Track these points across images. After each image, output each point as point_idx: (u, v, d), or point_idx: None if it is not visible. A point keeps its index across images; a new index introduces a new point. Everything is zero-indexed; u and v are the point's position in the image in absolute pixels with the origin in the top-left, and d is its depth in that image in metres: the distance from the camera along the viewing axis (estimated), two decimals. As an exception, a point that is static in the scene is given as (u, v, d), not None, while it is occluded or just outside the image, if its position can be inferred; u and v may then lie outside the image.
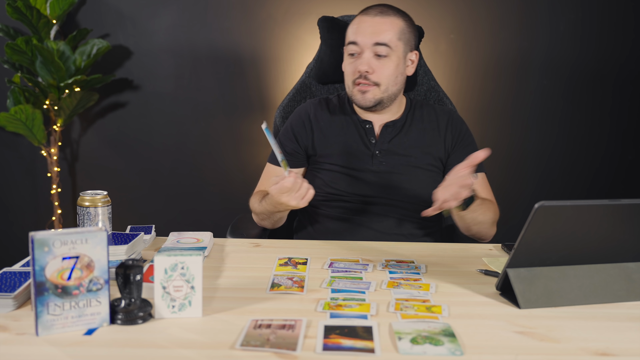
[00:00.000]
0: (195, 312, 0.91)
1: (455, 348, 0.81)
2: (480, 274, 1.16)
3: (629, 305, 1.01)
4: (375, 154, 1.53)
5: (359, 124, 1.56)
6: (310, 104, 1.63)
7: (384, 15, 1.48)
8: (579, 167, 2.77)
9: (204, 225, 2.70)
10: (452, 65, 2.68)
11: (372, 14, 1.49)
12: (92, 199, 1.17)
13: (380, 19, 1.47)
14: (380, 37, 1.46)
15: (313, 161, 1.59)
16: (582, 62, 2.69)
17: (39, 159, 2.72)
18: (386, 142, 1.54)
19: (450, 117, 1.60)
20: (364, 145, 1.54)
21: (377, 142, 1.54)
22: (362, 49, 1.47)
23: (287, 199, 1.27)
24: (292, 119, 1.62)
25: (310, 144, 1.58)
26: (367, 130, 1.55)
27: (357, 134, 1.56)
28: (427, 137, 1.56)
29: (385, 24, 1.47)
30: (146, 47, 2.67)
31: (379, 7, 1.50)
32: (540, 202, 0.92)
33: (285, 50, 2.66)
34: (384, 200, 1.52)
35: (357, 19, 1.51)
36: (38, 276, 0.81)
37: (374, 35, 1.46)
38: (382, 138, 1.54)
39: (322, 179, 1.55)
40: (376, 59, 1.47)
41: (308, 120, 1.59)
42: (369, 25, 1.47)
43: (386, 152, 1.53)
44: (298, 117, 1.61)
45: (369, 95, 1.49)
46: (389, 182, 1.52)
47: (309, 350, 0.80)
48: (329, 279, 1.10)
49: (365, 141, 1.55)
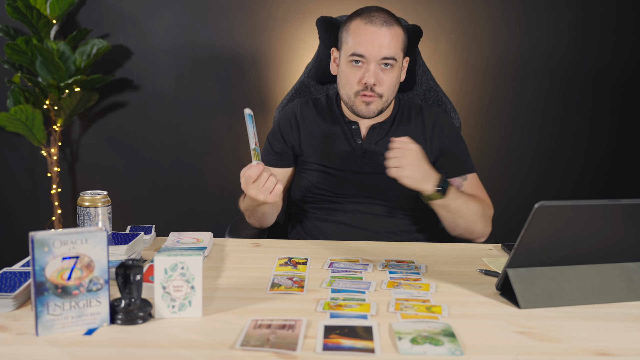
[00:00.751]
0: (195, 312, 0.91)
1: (455, 348, 0.81)
2: (480, 274, 1.16)
3: (629, 305, 1.01)
4: (362, 155, 1.54)
5: (345, 125, 1.57)
6: (298, 104, 1.64)
7: (389, 26, 1.44)
8: (579, 167, 2.77)
9: (204, 225, 2.70)
10: (452, 65, 2.68)
11: (377, 23, 1.43)
12: (92, 199, 1.17)
13: (386, 31, 1.43)
14: (388, 52, 1.43)
15: (300, 161, 1.60)
16: (582, 62, 2.69)
17: (39, 159, 2.72)
18: (372, 144, 1.55)
19: (437, 120, 1.58)
20: (349, 147, 1.55)
21: (363, 144, 1.55)
22: (368, 61, 1.44)
23: (254, 192, 1.26)
24: (280, 119, 1.64)
25: (297, 143, 1.59)
26: (353, 131, 1.56)
27: (343, 135, 1.56)
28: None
29: (390, 36, 1.44)
30: (146, 47, 2.67)
31: (382, 16, 1.45)
32: (540, 202, 0.92)
33: (285, 50, 2.66)
34: (371, 200, 1.52)
35: (360, 27, 1.45)
36: (38, 276, 0.81)
37: (382, 49, 1.42)
38: (368, 140, 1.55)
39: (308, 179, 1.57)
40: (381, 70, 1.45)
41: (295, 119, 1.60)
42: (375, 38, 1.43)
43: (372, 153, 1.54)
44: (285, 116, 1.62)
45: (372, 107, 1.48)
46: (375, 182, 1.52)
47: (309, 350, 0.80)
48: (329, 279, 1.10)
49: (352, 142, 1.55)
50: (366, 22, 1.44)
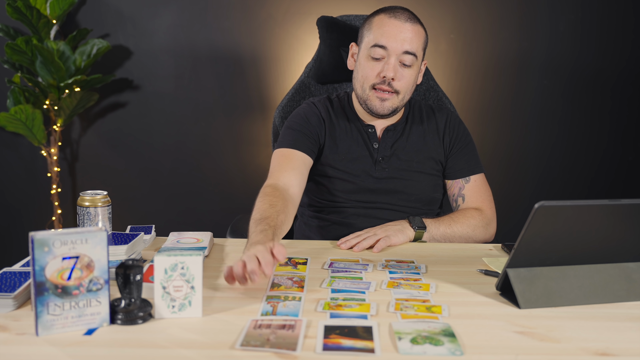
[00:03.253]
0: (195, 312, 0.91)
1: (455, 348, 0.81)
2: (480, 274, 1.16)
3: (629, 305, 1.00)
4: (378, 160, 1.52)
5: (362, 128, 1.54)
6: (320, 104, 1.57)
7: (413, 23, 1.44)
8: (579, 167, 2.77)
9: (204, 225, 2.70)
10: (452, 65, 2.68)
11: (401, 18, 1.43)
12: (92, 199, 1.17)
13: (410, 26, 1.43)
14: (410, 46, 1.42)
15: (315, 167, 1.54)
16: (582, 62, 2.69)
17: (39, 159, 2.72)
18: (388, 148, 1.53)
19: (448, 118, 1.59)
20: (367, 152, 1.52)
21: (379, 148, 1.52)
22: (389, 54, 1.43)
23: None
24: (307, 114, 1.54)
25: (323, 140, 1.53)
26: (370, 135, 1.53)
27: (362, 139, 1.53)
28: (427, 140, 1.55)
29: (413, 32, 1.43)
30: (146, 47, 2.67)
31: (406, 13, 1.45)
32: (540, 202, 0.92)
33: (285, 50, 2.66)
34: (384, 205, 1.51)
35: (383, 20, 1.44)
36: (38, 276, 0.81)
37: (405, 43, 1.42)
38: (384, 143, 1.53)
39: (324, 185, 1.53)
40: (400, 66, 1.44)
41: (321, 117, 1.54)
42: (399, 31, 1.42)
43: (388, 157, 1.52)
44: (312, 113, 1.54)
45: (387, 104, 1.46)
46: (389, 187, 1.51)
47: (309, 350, 0.80)
48: (329, 279, 1.10)
49: (369, 147, 1.53)
50: (390, 16, 1.44)
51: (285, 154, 1.48)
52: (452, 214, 1.48)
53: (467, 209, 1.50)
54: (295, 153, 1.47)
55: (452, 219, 1.46)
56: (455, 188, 1.55)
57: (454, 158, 1.55)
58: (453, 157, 1.55)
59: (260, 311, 0.93)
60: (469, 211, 1.49)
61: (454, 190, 1.55)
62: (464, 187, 1.53)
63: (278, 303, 0.96)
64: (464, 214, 1.48)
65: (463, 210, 1.50)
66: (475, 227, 1.46)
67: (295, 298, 0.98)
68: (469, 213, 1.48)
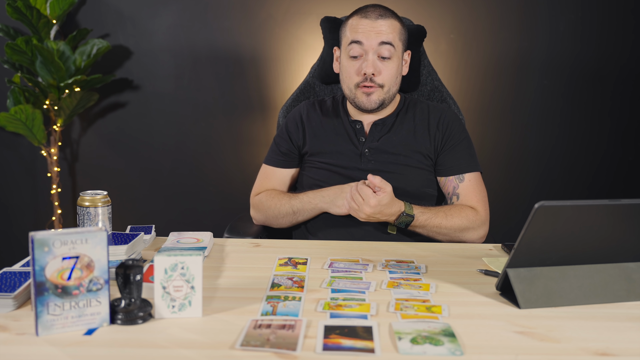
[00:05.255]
0: (195, 312, 0.91)
1: (455, 348, 0.81)
2: (480, 274, 1.16)
3: (629, 305, 1.01)
4: (364, 153, 1.55)
5: (349, 124, 1.59)
6: (304, 106, 1.68)
7: (384, 18, 1.50)
8: (579, 167, 2.77)
9: (204, 225, 2.70)
10: (452, 65, 2.68)
11: (372, 17, 1.50)
12: (92, 199, 1.17)
13: (382, 22, 1.49)
14: (386, 37, 1.48)
15: (304, 160, 1.63)
16: (582, 62, 2.69)
17: (39, 159, 2.72)
18: (375, 141, 1.56)
19: (442, 115, 1.59)
20: (352, 145, 1.57)
21: (366, 141, 1.56)
22: (366, 51, 1.49)
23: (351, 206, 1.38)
24: (287, 120, 1.68)
25: (302, 143, 1.62)
26: (357, 130, 1.58)
27: (347, 134, 1.58)
28: (417, 135, 1.57)
29: (386, 25, 1.49)
30: (146, 47, 2.67)
31: (377, 10, 1.51)
32: (540, 202, 0.92)
33: (285, 50, 2.66)
34: None
35: (355, 21, 1.52)
36: (38, 276, 0.81)
37: (379, 36, 1.48)
38: (370, 137, 1.57)
39: (311, 177, 1.59)
40: (380, 60, 1.49)
41: (300, 121, 1.64)
42: (372, 28, 1.49)
43: (375, 150, 1.55)
44: (292, 118, 1.67)
45: (373, 97, 1.51)
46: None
47: (309, 350, 0.80)
48: (329, 279, 1.10)
49: (354, 140, 1.57)
50: (362, 16, 1.51)
51: (267, 172, 1.65)
52: (445, 206, 1.50)
53: (462, 205, 1.51)
54: (275, 171, 1.64)
55: (449, 216, 1.47)
56: (450, 186, 1.55)
57: (445, 155, 1.55)
58: (444, 153, 1.56)
59: (260, 311, 0.93)
60: (468, 211, 1.49)
61: (449, 189, 1.55)
62: (458, 186, 1.53)
63: (278, 303, 0.96)
64: (463, 213, 1.48)
65: (458, 205, 1.51)
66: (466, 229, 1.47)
67: (295, 298, 0.98)
68: (467, 212, 1.49)
